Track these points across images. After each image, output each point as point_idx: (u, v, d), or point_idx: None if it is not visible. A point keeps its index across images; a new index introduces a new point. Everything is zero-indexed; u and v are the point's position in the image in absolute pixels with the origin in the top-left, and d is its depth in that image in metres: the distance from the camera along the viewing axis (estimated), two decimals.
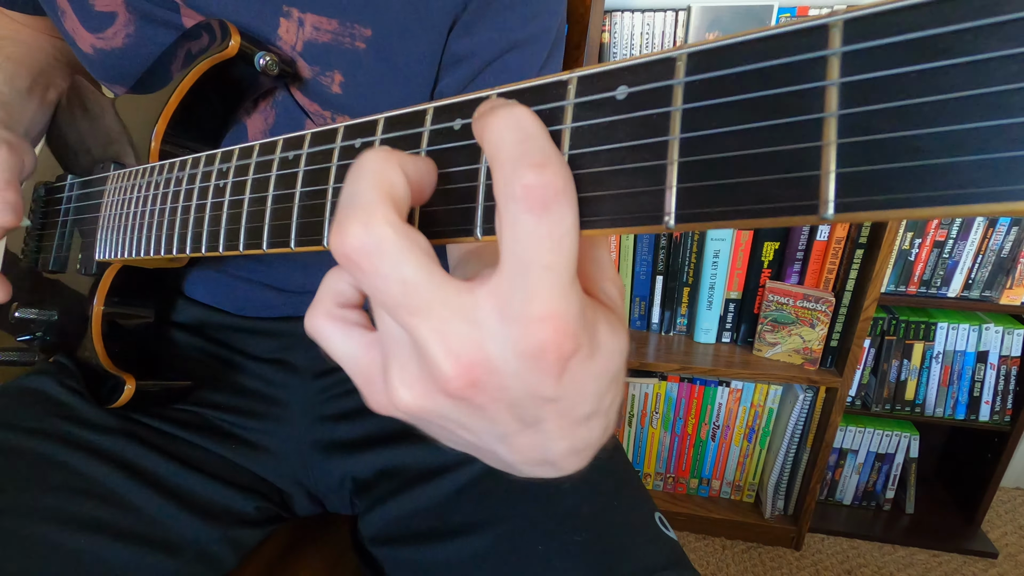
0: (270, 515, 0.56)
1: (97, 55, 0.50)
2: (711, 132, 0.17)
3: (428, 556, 0.47)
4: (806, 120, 0.15)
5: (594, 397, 0.22)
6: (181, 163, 0.39)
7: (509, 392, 0.20)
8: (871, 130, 0.14)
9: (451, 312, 0.20)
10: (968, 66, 0.13)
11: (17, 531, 0.43)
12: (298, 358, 0.58)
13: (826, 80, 0.15)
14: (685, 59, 0.17)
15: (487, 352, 0.20)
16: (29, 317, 0.57)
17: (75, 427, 0.50)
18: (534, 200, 0.18)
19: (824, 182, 0.15)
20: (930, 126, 0.13)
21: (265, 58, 0.44)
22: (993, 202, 0.13)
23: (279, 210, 0.29)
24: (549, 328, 0.19)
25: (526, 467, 0.24)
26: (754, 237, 1.21)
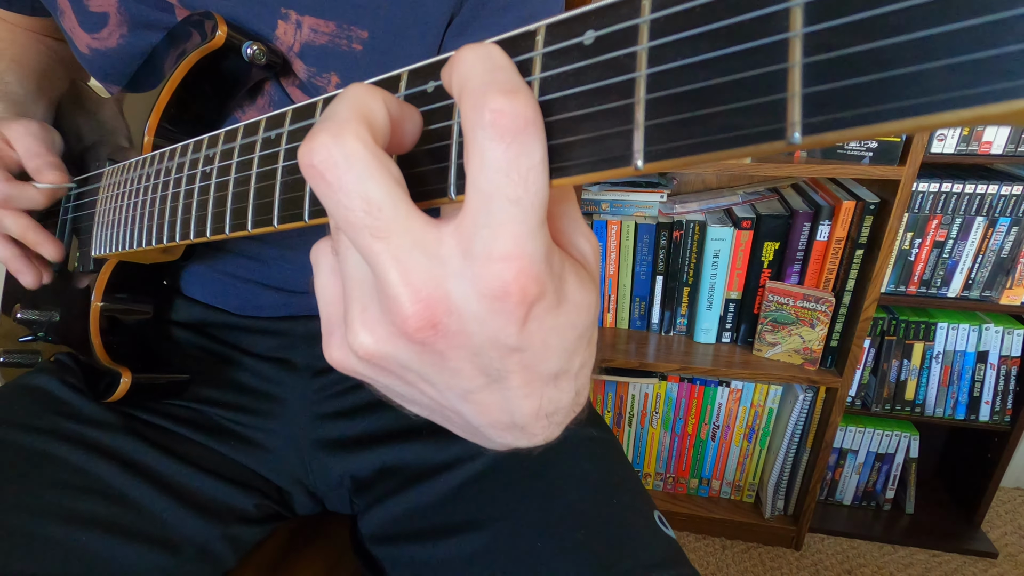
0: (270, 513, 0.56)
1: (93, 55, 0.51)
2: (676, 65, 0.17)
3: (428, 554, 0.47)
4: (771, 42, 0.15)
5: (561, 352, 0.21)
6: (170, 152, 0.39)
7: (471, 338, 0.20)
8: (837, 46, 0.14)
9: (413, 243, 0.19)
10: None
11: (17, 527, 0.43)
12: (297, 356, 0.59)
13: (789, 0, 0.15)
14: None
15: (448, 290, 0.19)
16: (31, 318, 0.57)
17: (76, 424, 0.50)
18: (503, 127, 0.17)
19: (791, 104, 0.14)
20: (896, 35, 0.13)
21: (252, 47, 0.44)
22: (964, 107, 0.12)
23: (262, 188, 0.29)
24: (513, 267, 0.18)
25: (494, 432, 0.23)
26: (754, 237, 1.21)
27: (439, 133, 0.22)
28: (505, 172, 0.18)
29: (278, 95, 0.49)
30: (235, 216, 0.31)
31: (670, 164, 0.17)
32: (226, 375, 0.58)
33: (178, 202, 0.37)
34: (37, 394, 0.52)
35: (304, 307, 0.58)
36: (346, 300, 0.21)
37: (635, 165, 0.17)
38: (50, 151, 0.50)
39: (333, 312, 0.23)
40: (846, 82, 0.14)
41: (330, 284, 0.24)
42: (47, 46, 0.64)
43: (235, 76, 0.47)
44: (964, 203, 1.18)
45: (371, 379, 0.23)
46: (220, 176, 0.33)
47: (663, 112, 0.17)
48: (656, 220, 1.26)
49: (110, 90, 0.54)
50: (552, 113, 0.19)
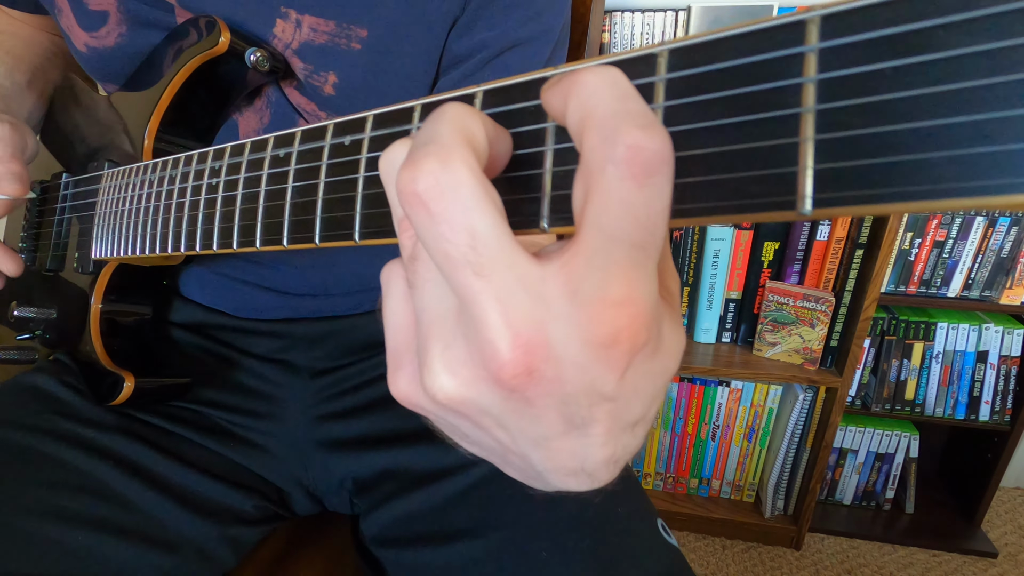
0: (269, 514, 0.56)
1: (91, 53, 0.51)
2: (690, 128, 0.17)
3: (430, 558, 0.47)
4: (784, 116, 0.15)
5: (648, 400, 0.20)
6: (174, 161, 0.39)
7: (565, 386, 0.18)
8: (847, 126, 0.14)
9: (518, 281, 0.17)
10: (940, 62, 0.13)
11: (15, 527, 0.43)
12: (297, 358, 0.58)
13: (803, 77, 0.15)
14: (667, 55, 0.17)
15: (551, 335, 0.17)
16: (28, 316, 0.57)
17: (74, 424, 0.50)
18: (639, 164, 0.16)
19: (801, 177, 0.15)
20: (903, 122, 0.13)
21: (256, 54, 0.44)
22: (965, 197, 0.13)
23: (271, 208, 0.29)
24: (627, 314, 0.17)
25: (557, 477, 0.21)
26: (754, 237, 1.21)
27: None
28: (633, 213, 0.16)
29: (276, 96, 0.49)
30: (243, 233, 0.31)
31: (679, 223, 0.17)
32: (225, 376, 0.58)
33: (183, 213, 0.37)
34: (35, 393, 0.52)
35: (303, 310, 0.58)
36: (422, 336, 0.20)
37: None
38: (13, 158, 0.48)
39: (402, 341, 0.22)
40: (855, 162, 0.14)
41: (401, 311, 0.22)
42: (50, 41, 0.64)
43: (236, 81, 0.47)
44: None
45: (439, 418, 0.22)
46: (227, 190, 0.33)
47: (676, 174, 0.17)
48: None
49: (106, 88, 0.54)
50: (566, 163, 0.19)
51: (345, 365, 0.59)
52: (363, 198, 0.24)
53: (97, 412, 0.51)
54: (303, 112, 0.49)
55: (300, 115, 0.50)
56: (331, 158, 0.26)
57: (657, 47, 0.17)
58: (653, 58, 0.17)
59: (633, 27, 1.17)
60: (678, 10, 1.15)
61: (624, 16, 1.16)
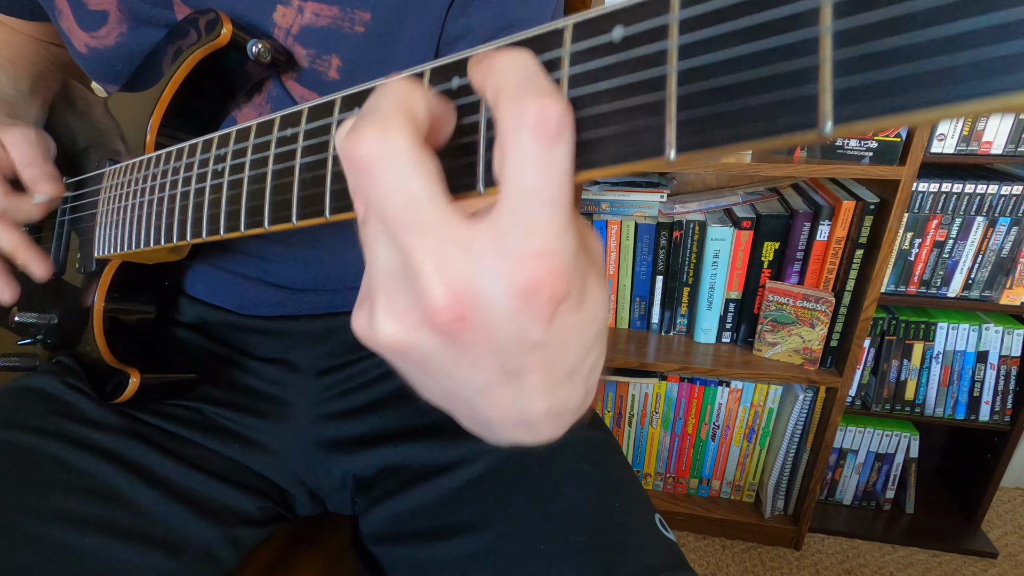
0: (271, 515, 0.56)
1: (91, 54, 0.51)
2: (708, 61, 0.17)
3: (428, 555, 0.47)
4: (801, 38, 0.15)
5: (578, 350, 0.22)
6: (177, 152, 0.39)
7: (496, 333, 0.20)
8: (865, 41, 0.14)
9: (450, 238, 0.19)
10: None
11: (19, 529, 0.43)
12: (300, 357, 0.58)
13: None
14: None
15: (479, 286, 0.19)
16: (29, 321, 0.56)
17: (78, 426, 0.50)
18: (544, 128, 0.18)
19: (822, 97, 0.15)
20: (922, 30, 0.14)
21: (257, 46, 0.43)
22: (987, 96, 0.13)
23: (279, 186, 0.29)
24: (546, 265, 0.19)
25: (503, 427, 0.24)
26: (754, 237, 1.21)
27: (466, 128, 0.22)
28: (543, 173, 0.18)
29: (276, 90, 0.49)
30: (251, 214, 0.31)
31: (702, 155, 0.18)
32: (228, 376, 0.58)
33: (188, 200, 0.37)
34: (39, 395, 0.52)
35: (305, 306, 0.58)
36: (373, 287, 0.22)
37: (668, 157, 0.18)
38: (46, 160, 0.49)
39: (366, 287, 0.24)
40: (875, 75, 0.14)
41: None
42: (46, 50, 0.64)
43: (238, 74, 0.47)
44: (964, 203, 1.18)
45: (390, 360, 0.24)
46: (233, 174, 0.33)
47: (696, 106, 0.17)
48: (656, 220, 1.26)
49: (107, 90, 0.54)
50: (582, 107, 0.20)
51: (347, 363, 0.59)
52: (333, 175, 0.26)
53: (101, 414, 0.51)
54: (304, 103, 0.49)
55: None
56: None
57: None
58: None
59: None
60: None
61: None
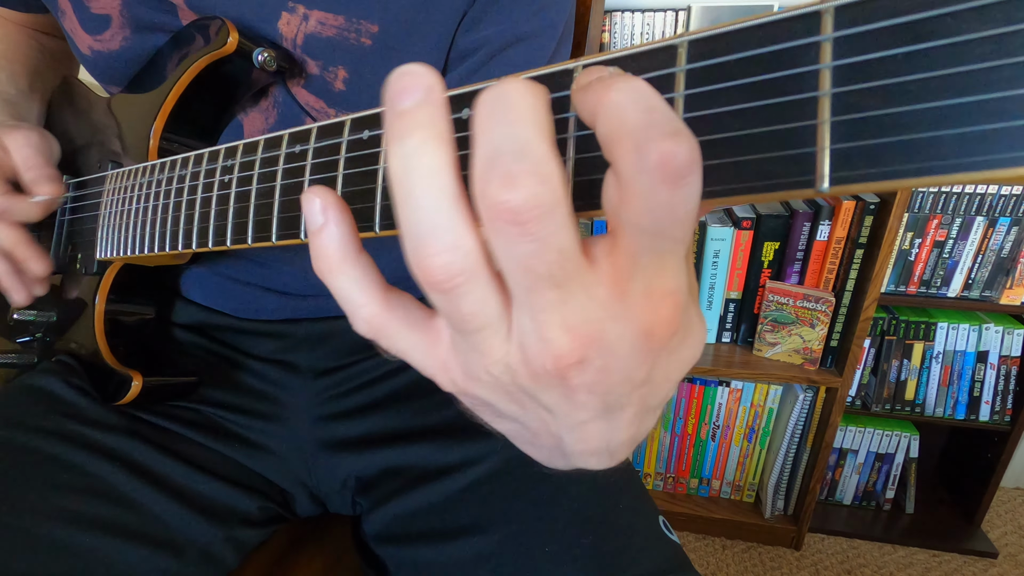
0: (272, 515, 0.56)
1: (95, 57, 0.51)
2: (712, 112, 0.18)
3: (431, 556, 0.47)
4: (802, 99, 0.16)
5: (673, 384, 0.22)
6: (183, 160, 0.39)
7: (612, 375, 0.19)
8: (861, 108, 0.15)
9: (580, 287, 0.18)
10: (948, 47, 0.14)
11: (21, 529, 0.43)
12: (300, 359, 0.58)
13: (819, 63, 0.16)
14: (687, 46, 0.18)
15: (603, 331, 0.18)
16: (28, 319, 0.56)
17: (80, 426, 0.50)
18: (671, 170, 0.16)
19: (820, 157, 0.16)
20: (914, 103, 0.14)
21: (263, 54, 0.43)
22: (972, 171, 0.14)
23: (287, 202, 0.29)
24: (668, 306, 0.18)
25: (582, 457, 0.23)
26: (754, 237, 1.21)
27: None
28: (670, 214, 0.17)
29: (282, 95, 0.49)
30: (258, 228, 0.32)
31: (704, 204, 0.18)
32: (228, 377, 0.58)
33: (195, 210, 0.37)
34: (40, 395, 0.52)
35: (304, 310, 0.58)
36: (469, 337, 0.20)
37: None
38: (47, 163, 0.49)
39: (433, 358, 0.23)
40: (870, 142, 0.15)
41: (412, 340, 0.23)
42: (37, 41, 0.63)
43: (243, 81, 0.47)
44: (964, 203, 1.18)
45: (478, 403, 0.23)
46: (240, 186, 0.33)
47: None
48: None
49: (109, 91, 0.54)
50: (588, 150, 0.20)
51: (347, 365, 0.58)
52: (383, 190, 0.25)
53: (103, 413, 0.51)
54: (311, 110, 0.49)
55: (307, 114, 0.50)
56: (349, 152, 0.26)
57: (677, 39, 0.18)
58: (674, 49, 0.18)
59: (633, 27, 1.17)
60: (678, 10, 1.16)
61: (624, 16, 1.16)
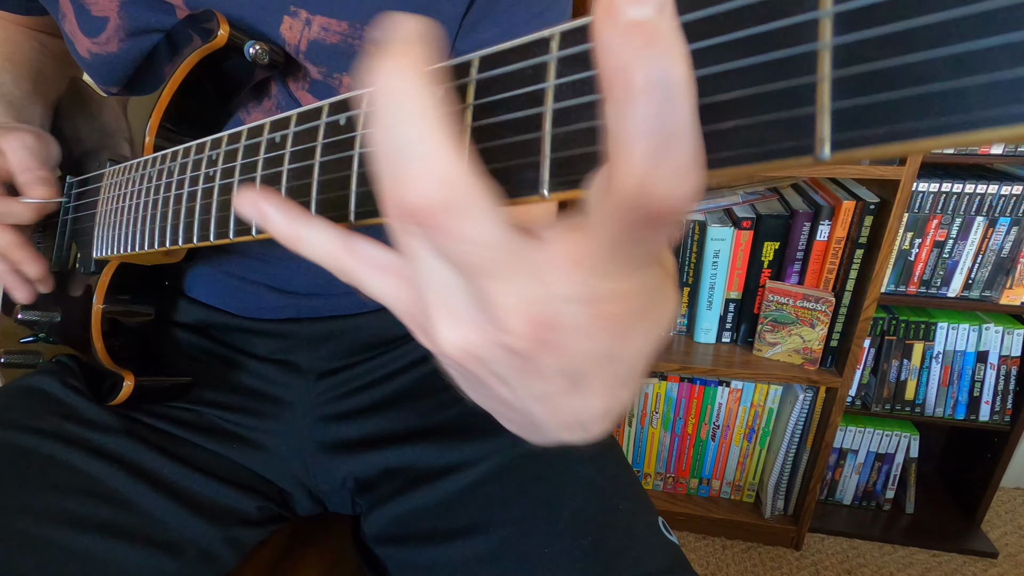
0: (271, 515, 0.56)
1: (94, 60, 0.51)
2: (703, 73, 0.16)
3: (431, 556, 0.47)
4: (798, 54, 0.14)
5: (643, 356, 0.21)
6: (172, 153, 0.39)
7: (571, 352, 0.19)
8: (868, 59, 0.13)
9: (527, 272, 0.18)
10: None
11: (19, 530, 0.43)
12: (302, 359, 0.58)
13: (819, 10, 0.14)
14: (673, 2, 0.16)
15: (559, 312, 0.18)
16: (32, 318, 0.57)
17: (77, 426, 0.50)
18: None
19: (820, 119, 0.14)
20: (932, 49, 0.12)
21: (255, 47, 0.43)
22: (1006, 125, 0.12)
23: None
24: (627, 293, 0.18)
25: (555, 431, 0.23)
26: (754, 237, 1.21)
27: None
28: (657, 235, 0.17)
29: (284, 99, 0.49)
30: (240, 221, 0.31)
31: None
32: (228, 377, 0.58)
33: (181, 205, 0.36)
34: (39, 396, 0.52)
35: (307, 309, 0.58)
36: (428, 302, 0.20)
37: None
38: (42, 165, 0.49)
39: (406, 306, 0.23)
40: (879, 97, 0.13)
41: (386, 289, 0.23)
42: (40, 42, 0.63)
43: (237, 76, 0.47)
44: (964, 203, 1.18)
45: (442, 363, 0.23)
46: (223, 178, 0.33)
47: None
48: None
49: (108, 92, 0.54)
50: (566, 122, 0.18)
51: (349, 365, 0.59)
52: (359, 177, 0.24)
53: (100, 414, 0.51)
54: None
55: None
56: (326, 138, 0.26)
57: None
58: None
59: None
60: None
61: None
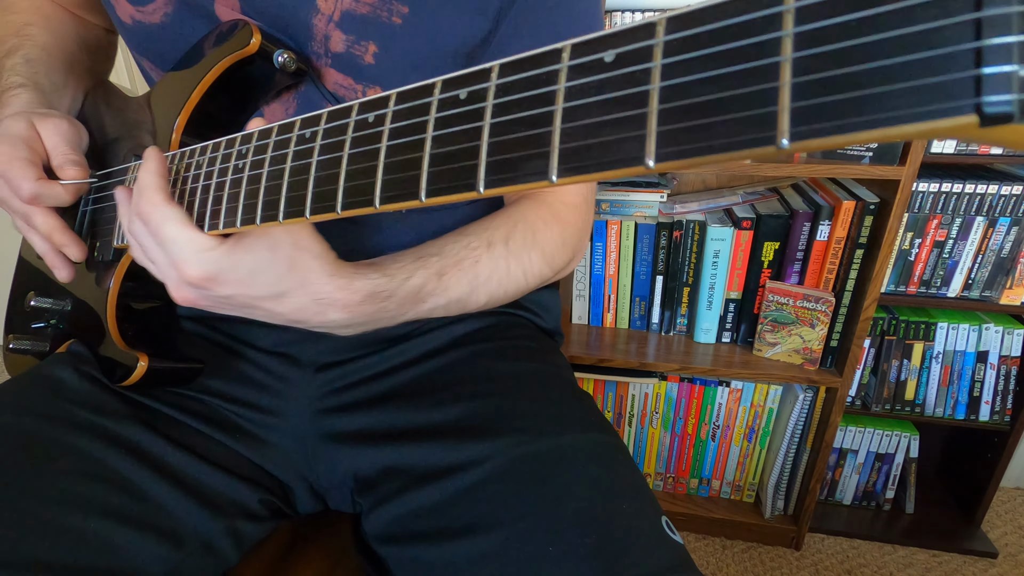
0: (273, 510, 0.56)
1: (135, 27, 0.52)
2: (685, 80, 0.19)
3: (434, 555, 0.47)
4: (764, 65, 0.18)
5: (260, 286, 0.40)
6: (201, 148, 0.41)
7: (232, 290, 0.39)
8: (819, 70, 0.17)
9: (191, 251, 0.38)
10: (898, 11, 0.16)
11: (30, 513, 0.44)
12: (303, 352, 0.59)
13: (782, 31, 0.17)
14: (664, 23, 0.20)
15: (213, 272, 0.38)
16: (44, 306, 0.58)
17: (89, 413, 0.51)
18: None
19: (781, 116, 0.17)
20: (867, 62, 0.16)
21: (284, 56, 0.47)
22: (919, 121, 0.15)
23: (295, 183, 0.32)
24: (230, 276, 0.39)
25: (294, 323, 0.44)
26: (754, 237, 1.21)
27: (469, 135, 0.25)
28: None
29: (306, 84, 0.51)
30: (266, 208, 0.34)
31: (675, 165, 0.20)
32: (231, 367, 0.59)
33: (209, 194, 0.39)
34: (49, 383, 0.53)
35: None
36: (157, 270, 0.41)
37: (646, 165, 0.20)
38: (75, 149, 0.51)
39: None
40: (827, 99, 0.17)
41: None
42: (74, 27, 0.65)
43: (263, 82, 0.50)
44: (964, 203, 1.18)
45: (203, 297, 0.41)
46: (253, 169, 0.35)
47: (673, 121, 0.20)
48: (656, 220, 1.26)
49: (141, 64, 0.56)
50: (575, 119, 0.22)
51: (349, 360, 0.59)
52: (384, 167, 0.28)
53: (111, 401, 0.52)
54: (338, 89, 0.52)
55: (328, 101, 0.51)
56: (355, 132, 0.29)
57: (656, 16, 0.21)
58: (653, 25, 0.21)
59: None
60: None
61: (624, 16, 1.16)
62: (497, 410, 0.54)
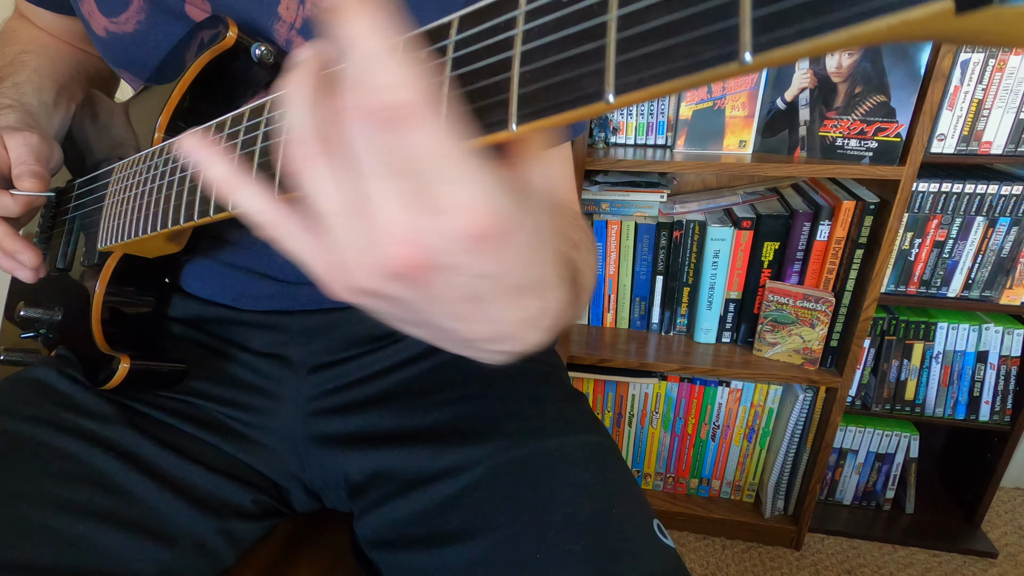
0: (267, 509, 0.56)
1: (109, 38, 0.52)
2: (642, 5, 0.18)
3: (425, 561, 0.47)
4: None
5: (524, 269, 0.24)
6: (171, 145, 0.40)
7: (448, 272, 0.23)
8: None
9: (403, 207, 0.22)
10: None
11: (15, 516, 0.44)
12: (294, 352, 0.59)
13: None
14: None
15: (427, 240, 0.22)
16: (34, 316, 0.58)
17: (75, 415, 0.51)
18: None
19: (742, 29, 0.16)
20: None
21: (261, 48, 0.46)
22: (889, 12, 0.14)
23: (265, 163, 0.31)
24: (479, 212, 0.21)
25: (485, 344, 0.27)
26: (754, 237, 1.21)
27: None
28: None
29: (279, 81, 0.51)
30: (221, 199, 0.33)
31: (636, 96, 0.19)
32: (222, 370, 0.58)
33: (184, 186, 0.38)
34: (37, 385, 0.53)
35: (300, 299, 0.59)
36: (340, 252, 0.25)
37: (607, 100, 0.19)
38: (38, 161, 0.51)
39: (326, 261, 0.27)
40: (787, 5, 0.16)
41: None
42: (72, 55, 0.66)
43: (243, 77, 0.49)
44: (964, 203, 1.18)
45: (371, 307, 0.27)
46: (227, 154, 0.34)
47: (632, 49, 0.19)
48: (656, 220, 1.26)
49: (122, 75, 0.56)
50: (534, 60, 0.21)
51: (341, 360, 0.59)
52: None
53: (98, 404, 0.52)
54: None
55: None
56: None
57: None
58: None
59: None
60: None
61: None
62: (487, 413, 0.54)
